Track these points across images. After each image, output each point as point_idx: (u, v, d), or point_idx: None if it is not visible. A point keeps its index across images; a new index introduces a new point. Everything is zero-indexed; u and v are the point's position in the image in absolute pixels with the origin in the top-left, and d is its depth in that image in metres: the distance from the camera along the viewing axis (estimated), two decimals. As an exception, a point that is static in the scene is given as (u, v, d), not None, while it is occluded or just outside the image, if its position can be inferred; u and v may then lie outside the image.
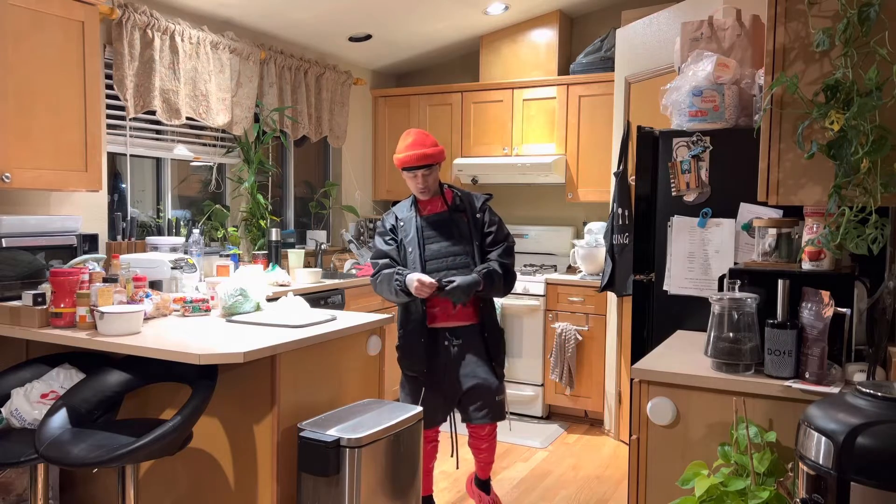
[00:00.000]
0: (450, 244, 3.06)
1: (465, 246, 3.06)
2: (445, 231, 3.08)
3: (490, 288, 3.01)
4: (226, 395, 2.58)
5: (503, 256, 3.06)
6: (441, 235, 3.08)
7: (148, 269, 3.16)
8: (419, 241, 3.07)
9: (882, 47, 1.82)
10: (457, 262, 3.04)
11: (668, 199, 2.79)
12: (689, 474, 1.91)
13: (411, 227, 3.10)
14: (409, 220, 3.13)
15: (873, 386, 1.56)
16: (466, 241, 3.07)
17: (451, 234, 3.07)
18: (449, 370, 3.06)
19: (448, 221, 3.10)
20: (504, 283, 3.05)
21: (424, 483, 3.21)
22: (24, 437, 2.40)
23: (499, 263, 3.03)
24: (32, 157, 2.97)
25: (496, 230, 3.11)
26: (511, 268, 3.09)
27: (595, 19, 5.16)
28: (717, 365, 2.07)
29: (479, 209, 3.12)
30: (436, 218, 3.12)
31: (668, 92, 2.84)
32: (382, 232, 3.17)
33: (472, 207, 3.12)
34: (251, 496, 2.58)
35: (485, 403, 3.06)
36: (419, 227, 3.09)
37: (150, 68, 3.71)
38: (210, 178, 4.53)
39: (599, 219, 4.95)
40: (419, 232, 3.08)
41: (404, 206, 3.20)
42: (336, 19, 4.54)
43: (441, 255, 3.06)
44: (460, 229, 3.08)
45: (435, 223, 3.10)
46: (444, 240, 3.07)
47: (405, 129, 5.48)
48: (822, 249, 2.07)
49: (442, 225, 3.10)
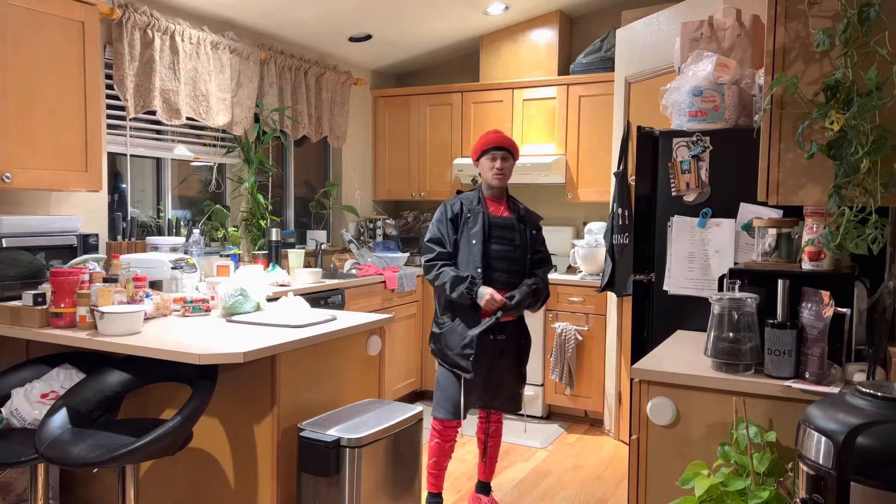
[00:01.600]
0: (510, 250, 3.14)
1: (521, 255, 3.16)
2: (510, 236, 3.15)
3: (535, 302, 3.16)
4: (226, 395, 2.58)
5: (546, 273, 3.23)
6: (505, 239, 3.14)
7: (148, 269, 3.16)
8: (484, 238, 3.10)
9: (882, 47, 1.82)
10: (512, 267, 3.13)
11: (668, 199, 2.79)
12: (689, 474, 1.91)
13: (478, 220, 3.12)
14: (476, 213, 3.15)
15: (873, 386, 1.56)
16: (523, 252, 3.16)
17: (514, 240, 3.15)
18: (495, 363, 3.16)
19: (513, 227, 3.17)
20: (545, 298, 3.23)
21: (437, 480, 3.27)
22: (24, 437, 2.40)
23: (544, 281, 3.19)
24: (32, 157, 2.97)
25: (544, 250, 3.26)
26: (547, 285, 3.23)
27: (595, 19, 5.16)
28: (717, 365, 2.07)
29: (536, 226, 3.25)
30: (503, 221, 3.17)
31: (668, 92, 2.84)
32: (443, 218, 3.17)
33: (532, 222, 3.24)
34: (251, 496, 2.58)
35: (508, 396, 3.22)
36: (486, 224, 3.12)
37: (150, 68, 3.71)
38: (210, 178, 4.53)
39: (599, 219, 4.95)
40: (486, 228, 3.11)
41: (472, 198, 3.21)
42: (336, 19, 4.54)
43: (501, 258, 3.12)
44: (521, 238, 3.17)
45: (502, 225, 3.16)
46: (507, 244, 3.14)
47: (405, 129, 5.53)
48: (822, 249, 2.07)
49: (508, 229, 3.16)
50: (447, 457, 3.23)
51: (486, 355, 3.11)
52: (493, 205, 3.21)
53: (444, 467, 3.25)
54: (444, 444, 3.18)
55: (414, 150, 5.50)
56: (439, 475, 3.25)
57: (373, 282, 4.55)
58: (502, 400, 3.22)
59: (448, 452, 3.22)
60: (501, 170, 3.15)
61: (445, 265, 3.11)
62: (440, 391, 3.16)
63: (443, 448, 3.19)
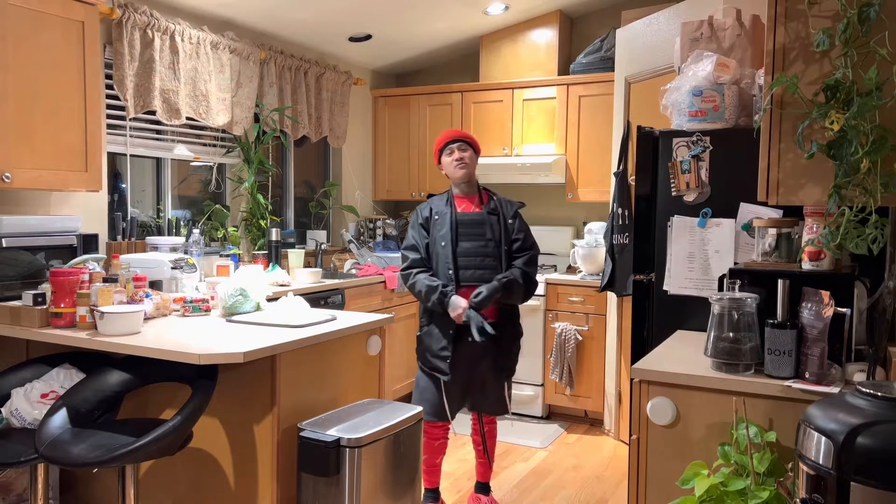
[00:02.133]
0: (481, 245, 3.10)
1: (495, 248, 3.10)
2: (479, 231, 3.11)
3: (509, 295, 3.07)
4: (226, 395, 2.58)
5: (527, 265, 3.11)
6: (474, 235, 3.11)
7: (148, 269, 3.16)
8: (452, 238, 3.09)
9: (882, 47, 1.82)
10: (486, 263, 3.08)
11: (668, 199, 2.79)
12: (689, 474, 1.91)
13: (446, 222, 3.11)
14: (444, 214, 3.13)
15: (873, 386, 1.56)
16: (496, 244, 3.10)
17: (484, 234, 3.10)
18: (468, 364, 3.11)
19: (483, 222, 3.12)
20: (524, 291, 3.11)
21: (431, 476, 3.27)
22: (24, 437, 2.40)
23: (521, 272, 3.08)
24: (32, 157, 2.97)
25: (524, 238, 3.16)
26: (533, 276, 3.14)
27: (595, 19, 5.16)
28: (717, 365, 2.07)
29: (511, 215, 3.16)
30: (471, 217, 3.13)
31: (668, 92, 2.84)
32: (415, 223, 3.19)
33: (505, 212, 3.16)
34: (251, 496, 2.58)
35: (493, 398, 3.17)
36: (454, 224, 3.10)
37: (150, 68, 3.71)
38: (210, 178, 4.53)
39: (599, 219, 4.95)
40: (453, 228, 3.10)
41: (441, 199, 3.21)
42: (336, 19, 4.54)
43: (472, 255, 3.09)
44: (493, 231, 3.11)
45: (470, 222, 3.12)
46: (476, 239, 3.10)
47: (405, 129, 5.53)
48: (822, 249, 2.07)
49: (476, 224, 3.12)
50: (436, 454, 3.24)
51: (465, 357, 3.09)
52: (463, 202, 3.18)
53: (434, 464, 3.26)
54: (432, 443, 3.20)
55: (414, 150, 5.50)
56: (430, 471, 3.27)
57: (373, 282, 4.55)
58: (488, 403, 3.19)
59: (437, 450, 3.24)
60: (461, 159, 3.12)
61: (420, 272, 3.10)
62: (418, 392, 3.18)
63: (431, 446, 3.20)
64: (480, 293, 2.99)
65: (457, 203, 3.18)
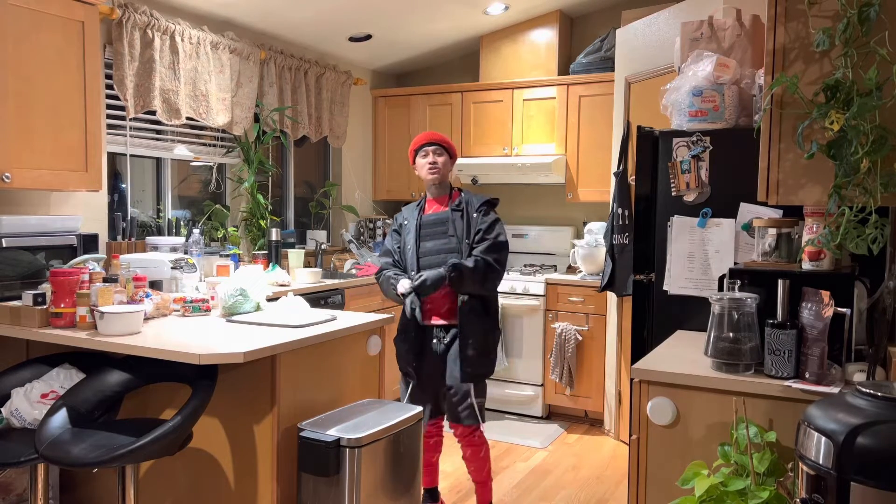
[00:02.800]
0: (443, 243, 3.09)
1: (457, 244, 3.07)
2: (441, 230, 3.11)
3: (460, 282, 2.96)
4: (226, 395, 2.58)
5: (485, 252, 3.00)
6: (437, 234, 3.11)
7: (148, 269, 3.16)
8: (416, 239, 3.12)
9: (882, 47, 1.82)
10: (446, 259, 3.04)
11: (668, 199, 2.79)
12: (689, 474, 1.91)
13: (412, 225, 3.16)
14: (411, 218, 3.18)
15: (873, 386, 1.56)
16: (459, 240, 3.07)
17: (447, 232, 3.10)
18: (436, 367, 3.08)
19: (446, 220, 3.12)
20: (482, 277, 2.98)
21: (427, 476, 3.25)
22: (24, 437, 2.40)
23: (474, 259, 2.98)
24: (32, 157, 2.97)
25: (485, 228, 3.06)
26: (492, 263, 3.00)
27: (595, 19, 5.16)
28: (717, 365, 2.07)
29: (476, 209, 3.11)
30: (434, 217, 3.14)
31: (668, 92, 2.84)
32: (391, 230, 3.27)
33: (470, 208, 3.12)
34: (251, 496, 2.58)
35: (456, 404, 3.04)
36: (418, 226, 3.14)
37: (150, 68, 3.71)
38: (210, 178, 4.53)
39: (599, 219, 4.95)
40: (417, 230, 3.14)
41: (412, 206, 3.26)
42: (336, 19, 4.54)
43: (433, 253, 3.09)
44: (456, 228, 3.09)
45: (433, 222, 3.14)
46: (439, 238, 3.10)
47: (405, 129, 5.53)
48: (822, 249, 2.07)
49: (439, 224, 3.12)
50: (430, 452, 3.22)
51: (430, 360, 3.07)
52: (433, 204, 3.19)
53: (430, 463, 3.24)
54: (426, 441, 3.13)
55: (414, 150, 5.49)
56: (426, 470, 3.23)
57: (373, 282, 4.55)
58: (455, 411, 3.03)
59: (431, 448, 3.21)
60: (434, 163, 3.11)
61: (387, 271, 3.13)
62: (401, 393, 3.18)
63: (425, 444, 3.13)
64: (421, 277, 2.94)
65: (428, 206, 3.21)
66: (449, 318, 3.08)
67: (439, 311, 3.08)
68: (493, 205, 3.17)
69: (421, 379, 3.09)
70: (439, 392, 3.11)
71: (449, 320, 3.08)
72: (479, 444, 3.10)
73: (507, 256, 3.09)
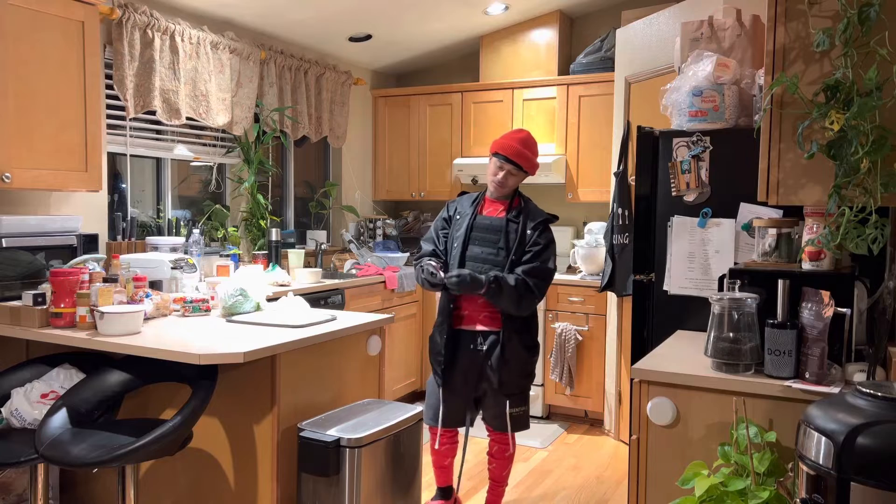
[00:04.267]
0: (491, 252, 2.97)
1: (504, 258, 2.94)
2: (493, 238, 2.99)
3: (496, 296, 2.87)
4: (226, 395, 2.58)
5: (528, 274, 2.89)
6: (487, 241, 2.99)
7: (148, 269, 3.16)
8: (465, 240, 3.01)
9: (882, 47, 1.82)
10: (487, 270, 2.94)
11: (668, 199, 2.79)
12: (689, 474, 1.91)
13: (464, 223, 3.04)
14: (465, 215, 3.06)
15: (873, 386, 1.56)
16: (507, 254, 2.95)
17: (498, 241, 2.97)
18: (470, 372, 3.02)
19: (499, 228, 2.99)
20: (518, 298, 2.87)
21: (441, 476, 3.26)
22: (24, 437, 2.40)
23: (516, 278, 2.87)
24: (32, 157, 2.97)
25: (537, 251, 2.94)
26: (533, 288, 2.88)
27: (595, 19, 5.16)
28: (717, 365, 2.07)
29: (532, 226, 2.97)
30: (489, 222, 3.01)
31: (668, 92, 2.84)
32: (441, 216, 3.16)
33: (527, 221, 2.99)
34: (251, 496, 2.58)
35: (493, 412, 3.06)
36: (470, 226, 3.03)
37: (150, 68, 3.71)
38: (210, 178, 4.53)
39: (599, 219, 4.95)
40: (468, 231, 3.02)
41: (469, 199, 3.13)
42: (336, 19, 4.54)
43: (479, 260, 2.98)
44: (508, 239, 2.96)
45: (487, 227, 3.01)
46: (488, 246, 2.98)
47: (405, 129, 5.53)
48: (822, 249, 2.07)
49: (493, 230, 3.00)
50: (442, 457, 3.21)
51: (464, 367, 3.01)
52: (491, 205, 3.08)
53: (442, 465, 3.24)
54: (443, 445, 3.15)
55: (414, 150, 5.50)
56: (438, 472, 3.26)
57: (373, 282, 4.55)
58: (488, 415, 3.07)
59: (443, 454, 3.19)
60: (504, 182, 3.00)
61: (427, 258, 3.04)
62: (426, 395, 3.17)
63: (434, 450, 3.17)
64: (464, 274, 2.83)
65: (486, 205, 3.08)
66: (484, 324, 3.00)
67: (475, 317, 3.00)
68: (550, 223, 3.04)
69: (452, 383, 3.04)
70: (470, 399, 3.07)
71: (485, 327, 3.00)
72: (507, 444, 3.10)
73: (548, 285, 2.98)
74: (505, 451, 3.13)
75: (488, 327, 2.99)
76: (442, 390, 3.06)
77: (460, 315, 3.03)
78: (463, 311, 3.02)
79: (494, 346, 2.96)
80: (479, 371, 3.01)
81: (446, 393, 3.06)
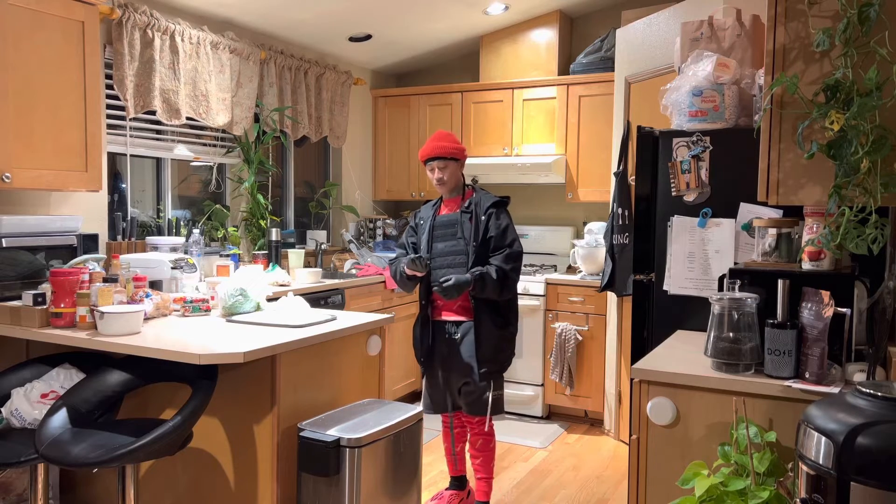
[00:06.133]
0: (452, 245, 3.18)
1: (465, 246, 3.14)
2: (451, 231, 3.19)
3: (482, 289, 3.05)
4: (226, 395, 2.58)
5: (503, 261, 3.07)
6: (447, 236, 3.20)
7: (148, 269, 3.16)
8: (428, 240, 3.23)
9: (882, 47, 1.82)
10: (455, 261, 3.15)
11: (668, 199, 2.79)
12: (689, 474, 1.91)
13: (427, 225, 3.26)
14: (426, 218, 3.28)
15: (873, 386, 1.56)
16: (466, 243, 3.14)
17: (456, 233, 3.17)
18: (448, 361, 3.19)
19: (455, 222, 3.19)
20: (500, 287, 3.05)
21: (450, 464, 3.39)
22: (24, 437, 2.40)
23: (496, 268, 3.05)
24: (32, 157, 2.97)
25: (498, 235, 3.10)
26: (510, 273, 3.07)
27: (595, 19, 5.16)
28: (717, 365, 2.07)
29: (484, 211, 3.14)
30: (446, 219, 3.23)
31: (668, 92, 2.84)
32: (408, 227, 3.40)
33: (479, 210, 3.16)
34: (251, 496, 2.58)
35: (471, 398, 3.16)
36: (431, 227, 3.24)
37: (150, 68, 3.71)
38: (210, 178, 4.53)
39: (599, 219, 4.95)
40: (430, 231, 3.23)
41: (429, 205, 3.36)
42: (336, 19, 4.54)
43: (443, 254, 3.19)
44: (464, 230, 3.16)
45: (444, 223, 3.22)
46: (449, 240, 3.19)
47: (405, 129, 5.53)
48: (822, 249, 2.07)
49: (450, 225, 3.20)
50: (448, 443, 3.37)
51: (441, 353, 3.19)
52: (447, 206, 3.27)
53: (448, 451, 3.37)
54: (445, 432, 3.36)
55: (414, 150, 5.49)
56: (450, 461, 3.39)
57: (373, 282, 4.55)
58: (466, 401, 3.16)
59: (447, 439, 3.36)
60: (440, 178, 3.18)
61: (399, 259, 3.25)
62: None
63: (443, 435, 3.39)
64: (449, 280, 2.99)
65: (443, 206, 3.30)
66: (458, 314, 3.17)
67: (449, 307, 3.18)
68: (503, 205, 3.20)
69: (433, 371, 3.24)
70: (450, 386, 3.22)
71: (458, 317, 3.17)
72: (489, 435, 3.21)
73: (521, 264, 3.15)
74: (488, 443, 3.23)
75: (462, 317, 3.17)
76: (425, 379, 3.30)
77: (436, 307, 3.22)
78: (437, 302, 3.21)
79: (468, 331, 3.14)
80: (456, 357, 3.16)
81: (428, 381, 3.28)
